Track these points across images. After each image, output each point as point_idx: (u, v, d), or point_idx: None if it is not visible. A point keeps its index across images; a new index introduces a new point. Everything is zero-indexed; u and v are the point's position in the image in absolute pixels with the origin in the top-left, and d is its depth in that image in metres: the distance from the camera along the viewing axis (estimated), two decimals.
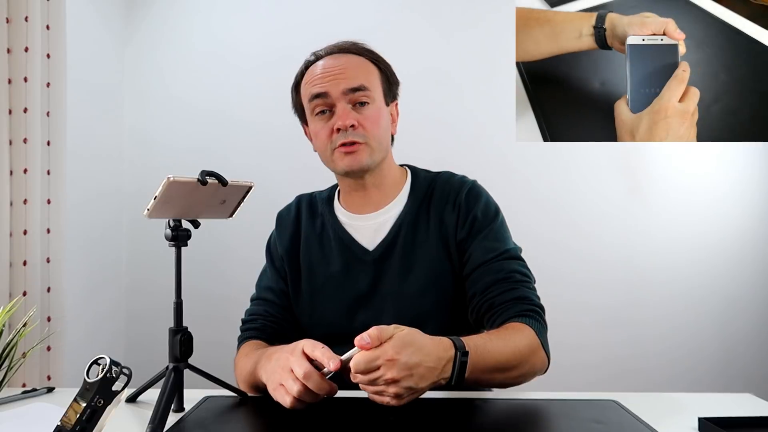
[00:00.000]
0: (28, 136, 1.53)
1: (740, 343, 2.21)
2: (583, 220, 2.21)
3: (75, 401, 0.66)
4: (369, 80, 1.02)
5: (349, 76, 1.00)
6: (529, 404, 0.89)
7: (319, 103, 1.01)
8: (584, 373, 2.11)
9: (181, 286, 0.88)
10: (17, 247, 1.52)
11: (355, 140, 0.99)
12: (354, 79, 1.00)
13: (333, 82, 1.00)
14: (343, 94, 1.00)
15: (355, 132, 0.99)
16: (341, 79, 1.00)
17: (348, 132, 0.99)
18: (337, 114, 1.00)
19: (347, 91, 1.00)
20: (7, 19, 1.51)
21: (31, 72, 1.53)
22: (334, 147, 1.01)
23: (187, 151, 2.23)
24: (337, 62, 1.02)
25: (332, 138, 1.01)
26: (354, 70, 1.01)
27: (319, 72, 1.02)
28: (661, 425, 0.79)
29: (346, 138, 0.99)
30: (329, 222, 1.10)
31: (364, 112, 1.01)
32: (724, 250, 2.21)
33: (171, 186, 0.78)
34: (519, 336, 0.90)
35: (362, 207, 1.08)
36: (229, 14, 2.24)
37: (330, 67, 1.02)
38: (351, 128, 0.99)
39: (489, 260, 0.99)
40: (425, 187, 1.09)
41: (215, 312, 2.04)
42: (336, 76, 1.00)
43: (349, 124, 0.99)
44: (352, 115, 0.99)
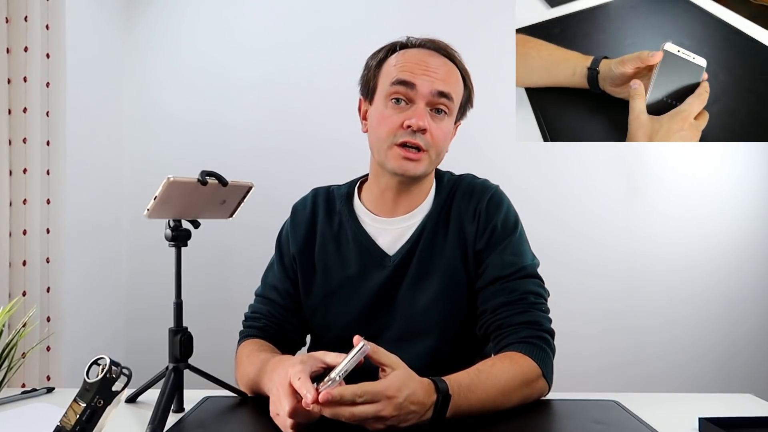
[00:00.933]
0: (27, 136, 1.53)
1: (740, 343, 2.21)
2: (583, 220, 2.21)
3: (75, 401, 0.66)
4: (456, 92, 1.00)
5: (443, 78, 0.97)
6: (529, 404, 0.89)
7: (401, 90, 0.96)
8: (584, 373, 2.10)
9: (181, 287, 0.88)
10: (17, 247, 1.52)
11: (420, 145, 0.96)
12: (445, 84, 0.97)
13: (425, 77, 0.96)
14: (430, 93, 0.96)
15: (424, 137, 0.96)
16: (435, 78, 0.96)
17: (417, 134, 0.95)
18: (415, 111, 0.95)
19: (435, 93, 0.96)
20: (7, 18, 1.51)
21: (30, 72, 1.53)
22: (396, 142, 0.96)
23: (187, 151, 2.23)
24: (433, 60, 0.99)
25: (397, 132, 0.96)
26: (447, 75, 0.99)
27: (414, 61, 0.98)
28: (661, 425, 0.79)
29: (413, 138, 0.95)
30: (348, 222, 1.06)
31: (438, 121, 0.98)
32: (724, 250, 2.21)
33: (171, 186, 0.78)
34: (514, 370, 0.87)
35: (390, 210, 1.05)
36: (229, 14, 2.24)
37: (426, 61, 0.98)
38: (421, 132, 0.96)
39: (504, 277, 0.97)
40: (447, 192, 1.06)
41: (215, 312, 2.04)
42: (430, 73, 0.97)
43: (423, 127, 0.95)
44: (427, 119, 0.96)
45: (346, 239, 1.05)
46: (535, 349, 0.91)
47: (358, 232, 1.05)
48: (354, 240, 1.04)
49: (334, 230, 1.07)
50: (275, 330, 1.05)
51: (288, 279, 1.08)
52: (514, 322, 0.94)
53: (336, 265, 1.05)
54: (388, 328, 1.02)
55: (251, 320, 1.07)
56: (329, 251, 1.06)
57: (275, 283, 1.08)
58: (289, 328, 1.07)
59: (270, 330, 1.05)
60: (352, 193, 1.10)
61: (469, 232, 1.02)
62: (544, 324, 0.95)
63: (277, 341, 1.04)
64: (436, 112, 0.98)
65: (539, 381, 0.90)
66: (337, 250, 1.05)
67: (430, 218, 1.04)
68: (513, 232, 1.02)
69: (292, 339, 1.07)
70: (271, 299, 1.07)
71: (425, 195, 1.06)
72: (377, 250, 1.03)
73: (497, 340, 0.96)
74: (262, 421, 0.80)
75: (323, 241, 1.07)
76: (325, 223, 1.07)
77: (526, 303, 0.95)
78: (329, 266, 1.05)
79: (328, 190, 1.12)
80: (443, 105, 0.98)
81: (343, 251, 1.05)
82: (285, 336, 1.06)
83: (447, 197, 1.06)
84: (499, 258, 0.99)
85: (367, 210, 1.06)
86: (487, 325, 0.97)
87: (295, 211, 1.11)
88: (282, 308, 1.06)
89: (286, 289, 1.07)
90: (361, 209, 1.07)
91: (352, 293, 1.03)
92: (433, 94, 0.96)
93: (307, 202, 1.11)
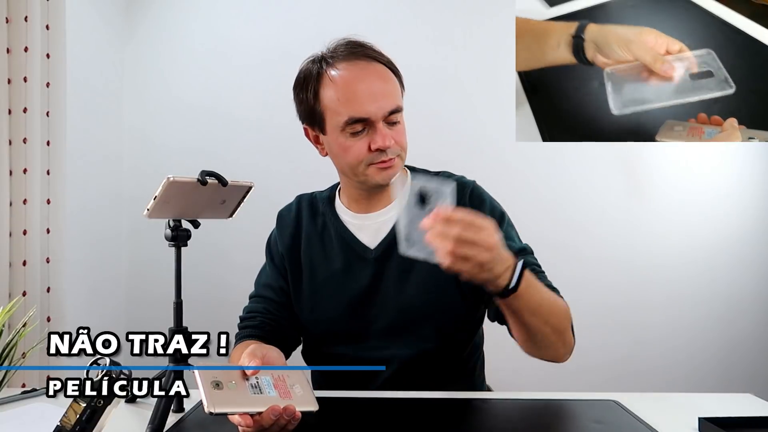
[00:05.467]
0: (27, 136, 1.53)
1: (740, 343, 2.21)
2: (583, 220, 2.21)
3: (75, 401, 0.66)
4: (399, 94, 1.03)
5: (387, 94, 1.00)
6: (529, 404, 0.89)
7: (357, 126, 0.99)
8: (584, 374, 2.10)
9: (181, 286, 0.88)
10: (17, 247, 1.52)
11: (393, 156, 1.00)
12: (392, 101, 0.99)
13: (374, 104, 0.98)
14: (383, 117, 0.99)
15: (393, 149, 1.00)
16: (382, 99, 0.98)
17: (387, 151, 0.99)
18: (378, 135, 0.98)
19: (387, 114, 0.99)
20: (7, 18, 1.51)
21: (30, 72, 1.53)
22: (371, 163, 1.00)
23: (187, 151, 2.23)
24: (375, 79, 1.00)
25: (366, 156, 1.00)
26: (387, 84, 1.01)
27: (354, 88, 0.99)
28: (661, 425, 0.79)
29: (386, 156, 0.99)
30: (331, 220, 1.10)
31: (396, 128, 1.01)
32: (724, 249, 2.21)
33: (171, 186, 0.78)
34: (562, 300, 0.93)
35: (366, 206, 1.08)
36: (228, 14, 2.24)
37: (369, 86, 0.99)
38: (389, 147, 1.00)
39: None
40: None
41: (215, 312, 2.03)
42: (376, 98, 0.98)
43: (389, 146, 0.99)
44: (389, 135, 0.99)
45: (330, 236, 1.09)
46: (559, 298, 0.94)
47: (340, 229, 1.08)
48: (337, 236, 1.08)
49: (318, 229, 1.11)
50: (272, 327, 1.06)
51: (281, 276, 1.11)
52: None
53: (321, 262, 1.08)
54: (376, 321, 1.04)
55: (247, 320, 1.08)
56: (314, 249, 1.09)
57: (269, 281, 1.11)
58: (286, 324, 1.08)
59: (267, 327, 1.06)
60: (334, 196, 1.14)
61: None
62: (555, 289, 0.97)
63: (274, 339, 1.04)
64: (392, 123, 1.00)
65: (570, 331, 0.93)
66: (322, 247, 1.09)
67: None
68: (501, 221, 1.05)
69: (288, 335, 1.08)
70: (266, 297, 1.10)
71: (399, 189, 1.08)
72: (359, 244, 1.06)
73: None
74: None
75: (308, 240, 1.10)
76: (309, 224, 1.12)
77: (535, 273, 0.95)
78: (315, 263, 1.08)
79: (312, 195, 1.17)
80: (395, 117, 1.00)
81: (327, 248, 1.09)
82: (281, 332, 1.07)
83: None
84: None
85: (347, 209, 1.10)
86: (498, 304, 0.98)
87: (281, 217, 1.16)
88: (278, 305, 1.09)
89: (280, 286, 1.10)
90: (341, 208, 1.11)
91: (337, 288, 1.06)
92: (385, 116, 0.99)
93: (291, 207, 1.16)
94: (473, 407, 0.87)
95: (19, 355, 1.40)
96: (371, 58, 1.02)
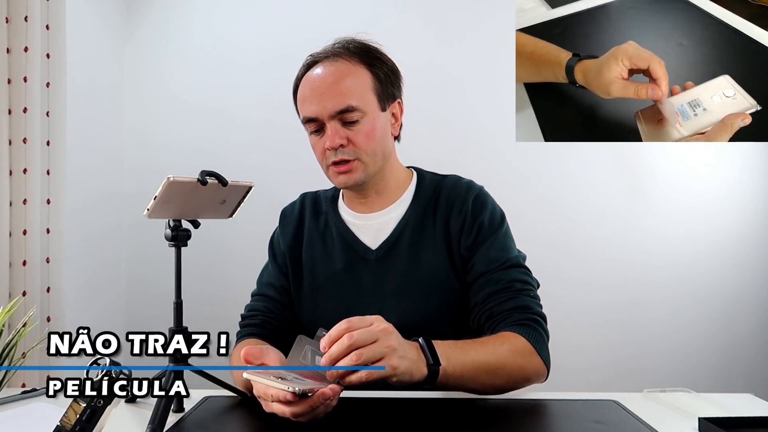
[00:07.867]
0: (27, 136, 1.53)
1: (741, 343, 2.21)
2: (583, 220, 2.21)
3: (75, 401, 0.66)
4: (358, 95, 0.99)
5: (337, 95, 0.98)
6: (529, 404, 0.89)
7: (312, 126, 1.01)
8: (584, 373, 2.10)
9: (181, 286, 0.88)
10: (17, 247, 1.52)
11: (346, 158, 0.99)
12: (340, 100, 0.97)
13: (320, 105, 0.98)
14: (330, 116, 0.98)
15: (345, 150, 0.98)
16: (328, 100, 0.97)
17: (338, 151, 0.98)
18: (327, 134, 0.99)
19: (334, 113, 0.98)
20: (7, 18, 1.51)
21: (30, 72, 1.53)
22: (328, 164, 1.01)
23: (187, 151, 2.23)
24: (327, 76, 0.99)
25: (325, 156, 1.01)
26: (337, 85, 0.98)
27: (309, 92, 1.00)
28: (661, 425, 0.79)
29: (336, 157, 0.99)
30: (333, 220, 1.10)
31: (355, 128, 0.99)
32: (724, 249, 2.21)
33: (171, 186, 0.78)
34: (504, 343, 0.90)
35: (365, 208, 1.09)
36: (228, 13, 2.24)
37: (319, 85, 0.99)
38: (341, 147, 0.98)
39: (490, 270, 0.99)
40: (431, 191, 1.08)
41: (215, 312, 2.03)
42: (323, 98, 0.98)
43: (337, 145, 0.98)
44: (340, 134, 0.98)
45: (331, 236, 1.09)
46: (527, 329, 0.93)
47: (342, 229, 1.08)
48: (338, 236, 1.08)
49: (320, 229, 1.11)
50: (273, 325, 1.07)
51: (283, 275, 1.11)
52: (504, 309, 0.96)
53: (322, 261, 1.08)
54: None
55: (248, 318, 1.09)
56: (316, 248, 1.09)
57: (271, 280, 1.11)
58: (287, 323, 1.08)
59: (268, 326, 1.06)
60: (337, 196, 1.14)
61: (455, 230, 1.04)
62: (533, 308, 0.97)
63: (275, 337, 1.04)
64: (349, 123, 0.99)
65: (534, 357, 0.92)
66: (323, 246, 1.09)
67: (412, 215, 1.06)
68: (499, 228, 1.04)
69: (289, 334, 1.07)
70: (268, 296, 1.10)
71: (400, 191, 1.09)
72: (360, 244, 1.06)
73: (490, 329, 0.97)
74: (262, 421, 0.80)
75: (310, 239, 1.10)
76: (311, 223, 1.12)
77: (513, 290, 0.98)
78: (316, 262, 1.08)
79: (315, 194, 1.17)
80: (350, 117, 0.99)
81: (328, 247, 1.09)
82: (283, 331, 1.07)
83: (432, 195, 1.08)
84: (486, 253, 1.01)
85: (349, 209, 1.10)
86: (479, 317, 0.99)
87: (284, 215, 1.16)
88: (279, 303, 1.09)
89: (282, 285, 1.10)
90: (344, 208, 1.11)
91: (338, 288, 1.06)
92: (333, 116, 0.98)
93: (295, 205, 1.16)
94: (473, 407, 0.87)
95: (19, 355, 1.40)
96: (340, 56, 1.01)
